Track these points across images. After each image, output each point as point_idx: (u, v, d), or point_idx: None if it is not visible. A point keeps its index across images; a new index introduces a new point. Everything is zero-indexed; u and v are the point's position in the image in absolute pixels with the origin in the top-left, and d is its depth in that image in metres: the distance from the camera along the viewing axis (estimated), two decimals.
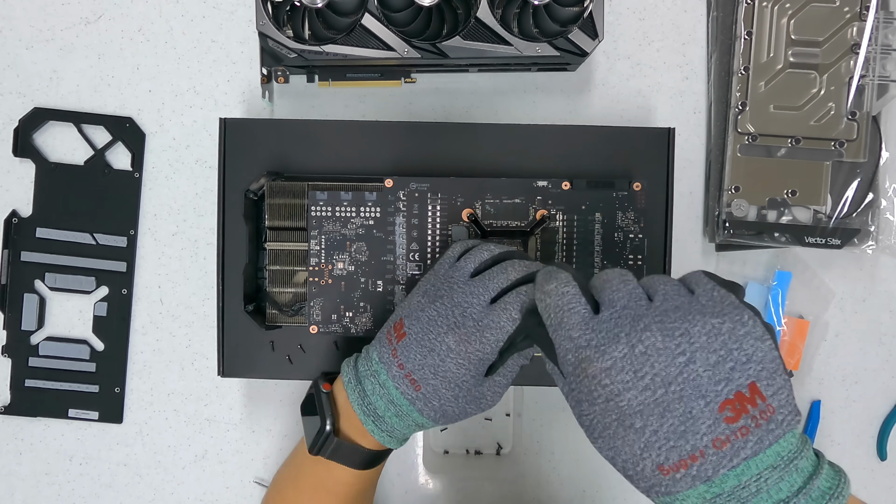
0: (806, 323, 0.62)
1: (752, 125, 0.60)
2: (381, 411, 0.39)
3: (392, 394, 0.39)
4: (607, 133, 0.54)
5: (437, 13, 0.54)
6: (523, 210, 0.51)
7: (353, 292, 0.51)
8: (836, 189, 0.60)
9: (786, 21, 0.60)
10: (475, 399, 0.39)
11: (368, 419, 0.39)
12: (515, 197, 0.51)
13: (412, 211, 0.51)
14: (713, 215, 0.61)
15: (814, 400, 0.63)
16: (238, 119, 0.55)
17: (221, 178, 0.54)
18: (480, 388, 0.39)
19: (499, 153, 0.55)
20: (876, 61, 0.59)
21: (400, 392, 0.38)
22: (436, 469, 0.63)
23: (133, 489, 0.63)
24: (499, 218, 0.51)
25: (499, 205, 0.51)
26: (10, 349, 0.63)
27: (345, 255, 0.51)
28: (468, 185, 0.51)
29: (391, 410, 0.39)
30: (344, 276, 0.51)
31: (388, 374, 0.39)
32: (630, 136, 0.54)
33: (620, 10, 0.63)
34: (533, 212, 0.51)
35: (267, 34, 0.53)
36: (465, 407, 0.39)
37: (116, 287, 0.63)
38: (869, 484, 0.63)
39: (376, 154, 0.54)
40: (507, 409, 0.62)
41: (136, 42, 0.63)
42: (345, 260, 0.51)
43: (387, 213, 0.51)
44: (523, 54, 0.54)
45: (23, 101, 0.63)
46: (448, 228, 0.51)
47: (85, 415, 0.63)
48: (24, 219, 0.63)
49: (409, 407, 0.39)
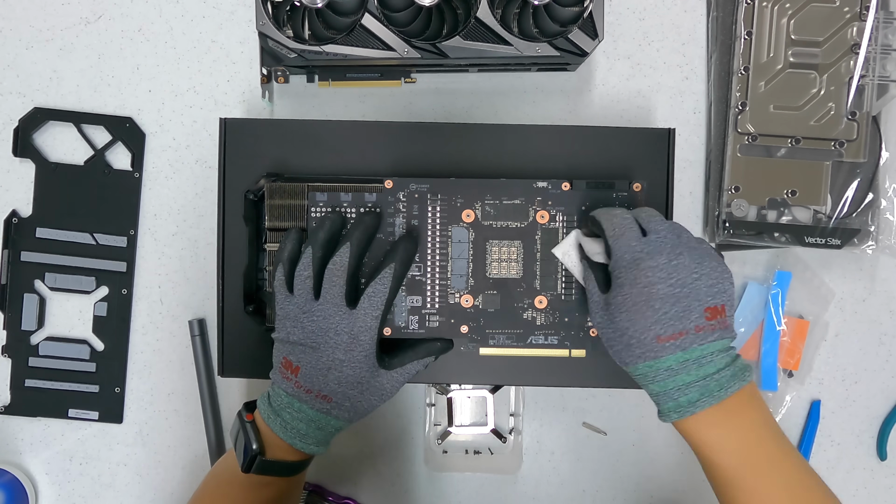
0: (806, 323, 0.62)
1: (752, 125, 0.60)
2: (304, 430, 0.47)
3: (309, 414, 0.47)
4: (607, 133, 0.54)
5: (437, 13, 0.54)
6: (523, 211, 0.51)
7: None
8: (836, 189, 0.60)
9: (786, 21, 0.60)
10: (377, 390, 0.48)
11: (295, 440, 0.47)
12: (515, 198, 0.51)
13: (412, 212, 0.51)
14: (713, 215, 0.61)
15: (814, 400, 0.63)
16: (238, 119, 0.55)
17: (221, 178, 0.54)
18: (379, 380, 0.48)
19: (499, 154, 0.55)
20: (876, 61, 0.59)
21: (316, 410, 0.47)
22: (436, 468, 0.63)
23: (133, 489, 0.63)
24: (499, 219, 0.51)
25: (499, 206, 0.51)
26: (10, 349, 0.63)
27: None
28: (468, 186, 0.51)
29: (312, 426, 0.47)
30: None
31: (300, 401, 0.47)
32: (630, 137, 0.54)
33: (620, 10, 0.63)
34: (533, 213, 0.51)
35: (267, 34, 0.53)
36: (371, 399, 0.48)
37: (116, 287, 0.63)
38: (869, 484, 0.63)
39: (376, 155, 0.54)
40: (508, 409, 0.62)
41: (136, 42, 0.63)
42: None
43: (387, 214, 0.51)
44: (523, 54, 0.54)
45: (23, 101, 0.63)
46: (448, 229, 0.51)
47: (85, 415, 0.63)
48: (24, 219, 0.63)
49: (327, 418, 0.47)
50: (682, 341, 0.42)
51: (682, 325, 0.42)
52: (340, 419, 0.47)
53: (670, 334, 0.42)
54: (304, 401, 0.46)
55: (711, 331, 0.42)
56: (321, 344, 0.46)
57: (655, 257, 0.43)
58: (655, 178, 0.54)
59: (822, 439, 0.63)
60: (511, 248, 0.51)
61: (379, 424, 0.63)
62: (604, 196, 0.51)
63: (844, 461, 0.64)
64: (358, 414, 0.48)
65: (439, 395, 0.62)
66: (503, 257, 0.51)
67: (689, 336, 0.42)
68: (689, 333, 0.42)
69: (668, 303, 0.42)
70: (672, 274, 0.42)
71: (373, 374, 0.47)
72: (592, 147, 0.54)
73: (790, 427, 0.63)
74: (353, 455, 0.63)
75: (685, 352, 0.42)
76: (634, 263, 0.43)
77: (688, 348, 0.41)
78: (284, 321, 0.47)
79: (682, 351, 0.42)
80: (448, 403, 0.62)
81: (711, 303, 0.42)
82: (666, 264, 0.42)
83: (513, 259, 0.51)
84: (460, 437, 0.62)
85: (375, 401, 0.48)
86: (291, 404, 0.47)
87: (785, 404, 0.63)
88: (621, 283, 0.44)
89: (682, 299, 0.42)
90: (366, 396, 0.47)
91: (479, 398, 0.62)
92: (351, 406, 0.47)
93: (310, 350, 0.46)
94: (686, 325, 0.42)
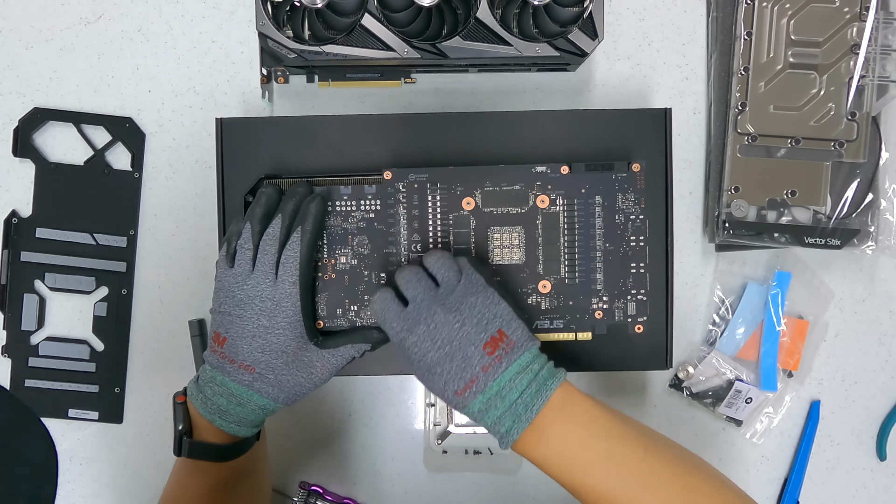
0: (806, 323, 0.62)
1: (751, 125, 0.60)
2: (225, 406, 0.46)
3: (231, 387, 0.46)
4: (604, 116, 0.54)
5: (436, 13, 0.54)
6: (523, 196, 0.51)
7: (356, 286, 0.51)
8: (835, 189, 0.60)
9: (786, 21, 0.60)
10: (304, 366, 0.47)
11: (215, 416, 0.46)
12: (515, 183, 0.51)
13: (412, 202, 0.51)
14: (713, 215, 0.61)
15: (814, 400, 0.63)
16: (235, 119, 0.55)
17: (220, 178, 0.54)
18: (308, 356, 0.47)
19: (496, 141, 0.54)
20: (876, 61, 0.59)
21: (237, 382, 0.46)
22: (435, 469, 0.63)
23: (133, 489, 0.63)
24: (499, 205, 0.51)
25: (498, 192, 0.51)
26: (10, 349, 0.63)
27: (347, 249, 0.51)
28: (467, 174, 0.51)
29: (233, 402, 0.46)
30: (347, 269, 0.51)
31: (223, 374, 0.47)
32: (627, 119, 0.54)
33: (620, 11, 0.63)
34: (533, 198, 0.51)
35: (267, 34, 0.53)
36: (298, 375, 0.47)
37: (116, 287, 0.63)
38: (869, 484, 0.64)
39: (374, 148, 0.54)
40: None
41: (135, 42, 0.63)
42: (347, 254, 0.51)
43: (387, 205, 0.51)
44: (523, 54, 0.54)
45: (23, 101, 0.63)
46: (449, 218, 0.51)
47: (85, 415, 0.63)
48: (24, 219, 0.63)
49: (249, 392, 0.47)
50: (476, 386, 0.43)
51: (469, 374, 0.43)
52: (264, 395, 0.47)
53: (463, 386, 0.43)
54: (227, 373, 0.46)
55: (499, 362, 0.43)
56: (248, 311, 0.46)
57: (415, 331, 0.44)
58: (654, 159, 0.54)
59: (822, 439, 0.63)
60: (513, 234, 0.51)
61: (378, 424, 0.63)
62: (603, 178, 0.51)
63: (844, 461, 0.64)
64: (283, 391, 0.47)
65: None
66: (505, 243, 0.52)
67: (480, 379, 0.43)
68: (479, 377, 0.43)
69: (445, 363, 0.43)
70: (435, 337, 0.43)
71: (300, 345, 0.47)
72: (590, 131, 0.54)
73: (790, 427, 0.63)
74: (353, 455, 0.63)
75: (484, 393, 0.43)
76: (402, 345, 0.45)
77: (485, 389, 0.43)
78: (219, 293, 0.48)
79: (482, 393, 0.43)
80: None
81: (485, 338, 0.43)
82: (425, 332, 0.44)
83: (515, 245, 0.52)
84: (460, 438, 0.62)
85: (303, 379, 0.47)
86: (214, 378, 0.47)
87: (785, 404, 0.63)
88: (406, 362, 0.46)
89: (456, 353, 0.43)
90: (291, 371, 0.47)
91: None
92: (275, 379, 0.47)
93: (237, 319, 0.46)
94: (473, 372, 0.43)
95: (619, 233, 0.52)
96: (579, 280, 0.51)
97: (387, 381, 0.63)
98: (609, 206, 0.52)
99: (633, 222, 0.52)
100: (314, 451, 0.63)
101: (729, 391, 0.62)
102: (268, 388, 0.47)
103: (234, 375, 0.46)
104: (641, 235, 0.52)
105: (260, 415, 0.48)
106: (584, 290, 0.52)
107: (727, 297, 0.63)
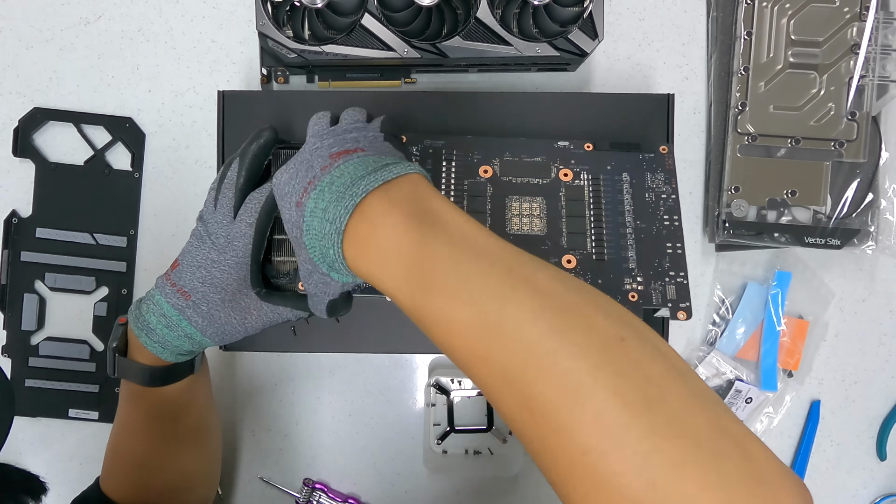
0: (806, 323, 0.62)
1: (751, 125, 0.60)
2: (154, 325, 0.47)
3: (163, 307, 0.47)
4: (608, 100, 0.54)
5: (436, 13, 0.54)
6: (545, 168, 0.48)
7: None
8: (835, 189, 0.60)
9: (786, 21, 0.60)
10: (239, 308, 0.47)
11: (142, 332, 0.47)
12: (536, 156, 0.49)
13: (426, 167, 0.48)
14: (713, 215, 0.61)
15: (814, 400, 0.63)
16: (236, 91, 0.55)
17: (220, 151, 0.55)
18: (246, 300, 0.47)
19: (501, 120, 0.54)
20: (876, 61, 0.59)
21: (170, 304, 0.47)
22: (435, 469, 0.63)
23: None
24: (518, 175, 0.49)
25: (518, 162, 0.49)
26: (10, 349, 0.63)
27: None
28: (485, 143, 0.49)
29: (162, 322, 0.47)
30: None
31: (161, 294, 0.47)
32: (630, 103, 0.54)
33: (620, 10, 0.63)
34: (556, 170, 0.48)
35: (267, 34, 0.53)
36: (230, 315, 0.47)
37: (116, 287, 0.63)
38: (869, 484, 0.64)
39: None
40: None
41: (136, 42, 0.63)
42: None
43: None
44: (523, 54, 0.54)
45: (23, 101, 0.63)
46: (464, 183, 0.48)
47: (85, 415, 0.63)
48: (24, 219, 0.63)
49: (179, 316, 0.47)
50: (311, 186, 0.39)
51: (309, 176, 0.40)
52: (192, 323, 0.46)
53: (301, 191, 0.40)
54: (165, 294, 0.47)
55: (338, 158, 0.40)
56: (203, 244, 0.47)
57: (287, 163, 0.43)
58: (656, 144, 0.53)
59: (822, 439, 0.63)
60: (533, 204, 0.48)
61: (379, 424, 0.63)
62: (630, 157, 0.49)
63: (844, 461, 0.64)
64: (212, 325, 0.47)
65: (439, 395, 0.62)
66: (525, 212, 0.48)
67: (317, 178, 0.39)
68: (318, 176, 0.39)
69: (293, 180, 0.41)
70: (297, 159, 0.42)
71: (240, 288, 0.47)
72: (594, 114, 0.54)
73: (790, 427, 0.63)
74: (354, 454, 0.63)
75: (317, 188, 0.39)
76: None
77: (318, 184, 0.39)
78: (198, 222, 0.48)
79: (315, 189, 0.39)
80: (448, 404, 0.62)
81: (339, 148, 0.41)
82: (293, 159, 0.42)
83: (535, 214, 0.48)
84: (460, 438, 0.62)
85: (235, 322, 0.47)
86: (152, 297, 0.47)
87: (785, 404, 0.63)
88: None
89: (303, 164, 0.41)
90: (226, 309, 0.47)
91: (479, 399, 0.62)
92: (207, 312, 0.46)
93: (192, 248, 0.47)
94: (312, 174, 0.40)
95: (650, 211, 0.48)
96: (608, 257, 0.47)
97: (387, 381, 0.63)
98: (638, 183, 0.48)
99: (664, 201, 0.48)
100: (315, 450, 0.63)
101: (729, 391, 0.62)
102: (198, 318, 0.47)
103: (170, 298, 0.47)
104: (675, 215, 0.48)
105: (186, 343, 0.47)
106: (616, 269, 0.46)
107: (727, 296, 0.63)
